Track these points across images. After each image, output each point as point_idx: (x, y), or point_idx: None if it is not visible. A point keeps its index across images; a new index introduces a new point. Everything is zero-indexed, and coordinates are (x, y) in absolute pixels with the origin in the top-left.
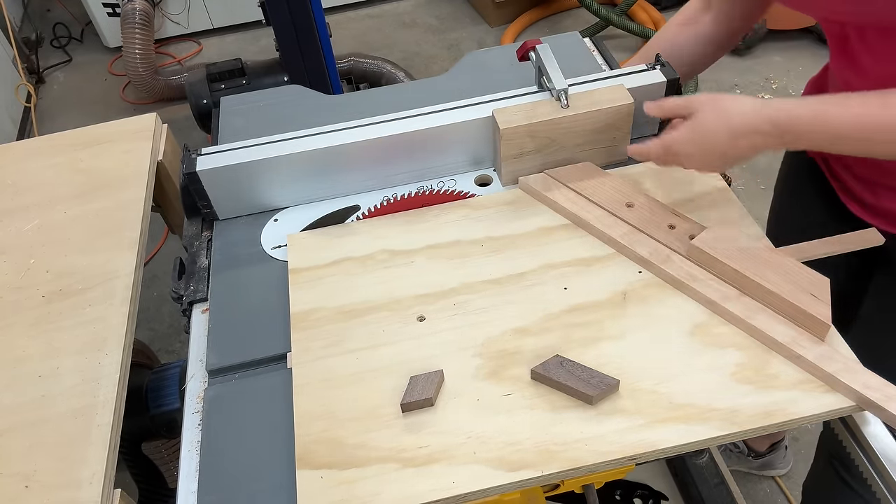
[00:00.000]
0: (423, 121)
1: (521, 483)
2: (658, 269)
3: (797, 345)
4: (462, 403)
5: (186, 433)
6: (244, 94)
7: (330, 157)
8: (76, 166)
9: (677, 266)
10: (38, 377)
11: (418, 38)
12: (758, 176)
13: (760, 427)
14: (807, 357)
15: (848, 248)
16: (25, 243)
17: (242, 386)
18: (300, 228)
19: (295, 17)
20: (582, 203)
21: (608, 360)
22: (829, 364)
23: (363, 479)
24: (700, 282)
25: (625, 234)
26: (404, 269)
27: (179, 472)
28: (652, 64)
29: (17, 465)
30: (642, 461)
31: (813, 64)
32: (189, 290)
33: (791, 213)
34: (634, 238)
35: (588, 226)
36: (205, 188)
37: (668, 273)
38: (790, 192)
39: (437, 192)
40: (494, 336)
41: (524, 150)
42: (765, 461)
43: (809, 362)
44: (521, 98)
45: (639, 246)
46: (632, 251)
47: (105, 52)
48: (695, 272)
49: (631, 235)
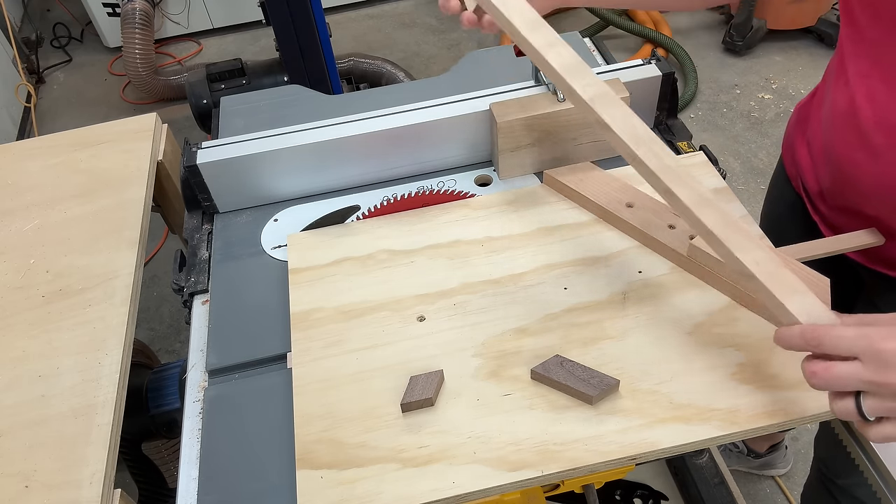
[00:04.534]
0: (421, 114)
1: (522, 483)
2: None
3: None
4: (462, 403)
5: (187, 422)
6: (244, 94)
7: (329, 149)
8: (76, 166)
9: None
10: (38, 377)
11: (418, 38)
12: (758, 176)
13: (760, 427)
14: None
15: (847, 248)
16: (25, 243)
17: (242, 386)
18: (300, 228)
19: (295, 17)
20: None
21: (608, 360)
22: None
23: (363, 479)
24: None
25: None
26: (404, 269)
27: (180, 459)
28: (648, 59)
29: (17, 465)
30: (642, 461)
31: (813, 64)
32: (190, 281)
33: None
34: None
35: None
36: (205, 181)
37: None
38: (772, 230)
39: (437, 192)
40: (494, 336)
41: (521, 143)
42: (765, 461)
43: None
44: (518, 92)
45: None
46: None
47: (105, 52)
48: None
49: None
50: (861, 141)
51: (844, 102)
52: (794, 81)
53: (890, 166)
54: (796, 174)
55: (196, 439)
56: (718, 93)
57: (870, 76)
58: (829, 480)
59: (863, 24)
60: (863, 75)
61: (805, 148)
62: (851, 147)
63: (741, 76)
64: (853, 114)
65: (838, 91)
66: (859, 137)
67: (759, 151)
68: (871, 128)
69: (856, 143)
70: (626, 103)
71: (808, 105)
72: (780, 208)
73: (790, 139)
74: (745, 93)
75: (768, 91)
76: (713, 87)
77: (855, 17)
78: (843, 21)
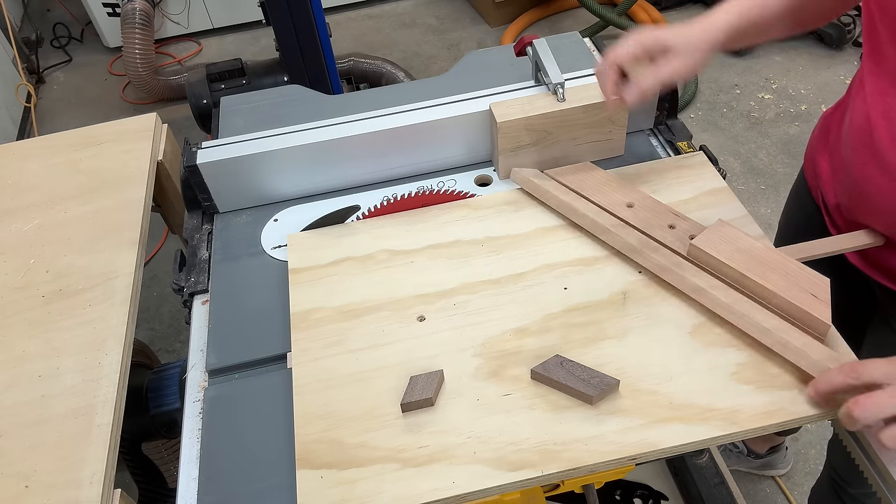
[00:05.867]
0: (421, 114)
1: (522, 483)
2: (656, 266)
3: (797, 344)
4: (462, 403)
5: (187, 422)
6: (244, 94)
7: (329, 149)
8: (76, 166)
9: (675, 265)
10: (38, 377)
11: (418, 38)
12: (758, 176)
13: (761, 427)
14: (807, 357)
15: (847, 248)
16: (25, 243)
17: (242, 386)
18: (300, 228)
19: (295, 17)
20: (580, 202)
21: (608, 360)
22: (830, 364)
23: (363, 479)
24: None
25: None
26: (404, 269)
27: (180, 459)
28: None
29: (17, 465)
30: (642, 461)
31: (813, 64)
32: (190, 281)
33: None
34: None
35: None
36: (205, 181)
37: (669, 271)
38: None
39: (437, 192)
40: (494, 336)
41: (521, 143)
42: (765, 461)
43: (810, 362)
44: (518, 92)
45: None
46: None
47: (105, 52)
48: (695, 272)
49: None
50: (876, 158)
51: (861, 118)
52: (794, 81)
53: None
54: (816, 185)
55: (196, 439)
56: (718, 93)
57: (887, 94)
58: (842, 489)
59: (884, 41)
60: (881, 93)
61: (826, 160)
62: (866, 163)
63: (741, 76)
64: (869, 130)
65: (857, 106)
66: (874, 155)
67: (759, 151)
68: (885, 146)
69: (871, 159)
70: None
71: (832, 116)
72: (798, 218)
73: (812, 149)
74: (745, 93)
75: (768, 91)
76: (713, 87)
77: (877, 34)
78: (865, 36)
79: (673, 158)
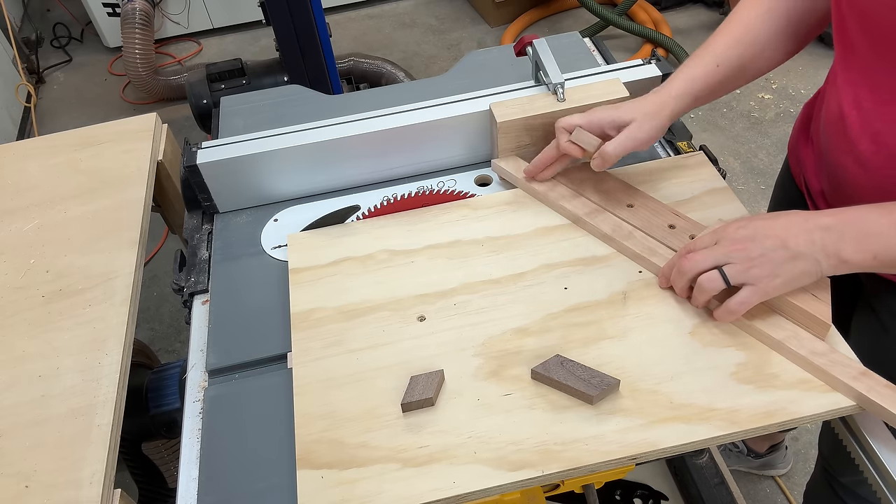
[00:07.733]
0: (421, 114)
1: (522, 483)
2: (656, 266)
3: (797, 344)
4: (462, 403)
5: (187, 422)
6: (244, 94)
7: (329, 149)
8: (76, 166)
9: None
10: (38, 377)
11: (418, 38)
12: (758, 176)
13: (761, 427)
14: (807, 357)
15: None
16: (25, 243)
17: (242, 386)
18: (300, 228)
19: (295, 17)
20: (581, 202)
21: (608, 360)
22: (830, 363)
23: (363, 479)
24: None
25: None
26: (404, 269)
27: (180, 459)
28: (647, 59)
29: (17, 465)
30: (642, 461)
31: (813, 64)
32: (190, 281)
33: None
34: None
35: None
36: (205, 181)
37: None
38: None
39: (437, 192)
40: (495, 336)
41: (521, 143)
42: (765, 461)
43: (809, 362)
44: (518, 92)
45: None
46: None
47: (105, 52)
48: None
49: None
50: (848, 146)
51: (835, 108)
52: (794, 81)
53: (875, 172)
54: (800, 172)
55: (196, 439)
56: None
57: (857, 85)
58: (833, 478)
59: (853, 34)
60: (851, 83)
61: (808, 147)
62: (841, 152)
63: None
64: (841, 120)
65: (831, 96)
66: (847, 144)
67: (759, 151)
68: (856, 135)
69: (844, 148)
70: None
71: (812, 105)
72: (784, 207)
73: (795, 138)
74: (745, 93)
75: (768, 91)
76: None
77: (846, 27)
78: (835, 29)
79: (673, 158)
